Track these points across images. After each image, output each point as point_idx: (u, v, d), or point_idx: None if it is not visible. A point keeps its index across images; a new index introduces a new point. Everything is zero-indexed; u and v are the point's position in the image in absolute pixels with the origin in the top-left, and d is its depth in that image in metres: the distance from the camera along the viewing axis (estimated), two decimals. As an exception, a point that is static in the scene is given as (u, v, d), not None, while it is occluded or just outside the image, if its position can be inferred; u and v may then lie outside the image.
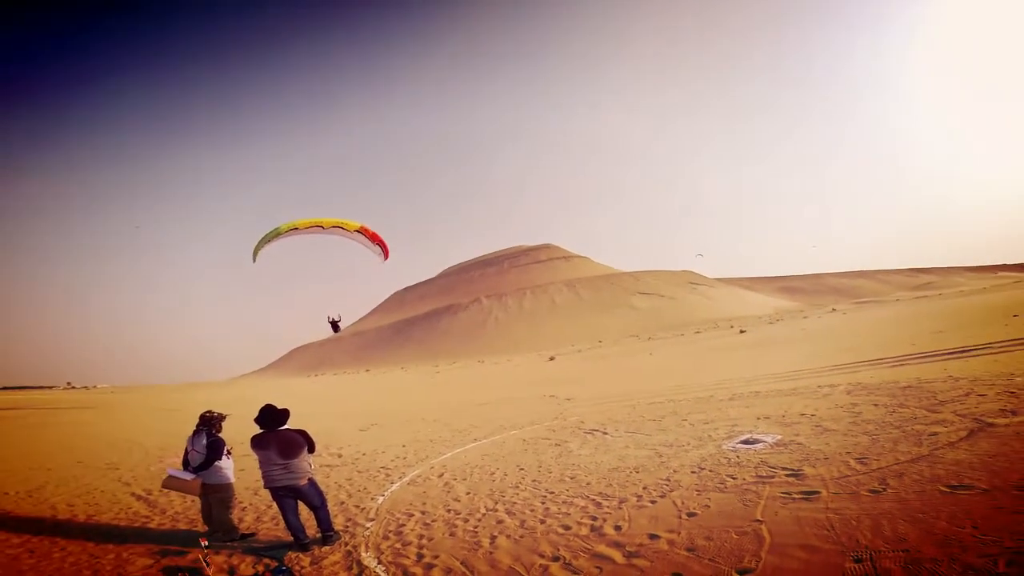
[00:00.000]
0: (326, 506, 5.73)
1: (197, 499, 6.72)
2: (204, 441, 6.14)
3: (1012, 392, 8.71)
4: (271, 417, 5.65)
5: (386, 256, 11.47)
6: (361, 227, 10.98)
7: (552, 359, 60.94)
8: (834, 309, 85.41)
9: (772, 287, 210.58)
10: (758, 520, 4.73)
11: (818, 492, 5.20)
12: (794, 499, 5.11)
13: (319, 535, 5.67)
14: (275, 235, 10.20)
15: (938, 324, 27.59)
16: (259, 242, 10.25)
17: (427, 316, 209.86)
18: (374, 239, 11.09)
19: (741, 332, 56.57)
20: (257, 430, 5.68)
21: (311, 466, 5.72)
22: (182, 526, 6.66)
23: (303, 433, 5.71)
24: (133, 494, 8.55)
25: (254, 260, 10.40)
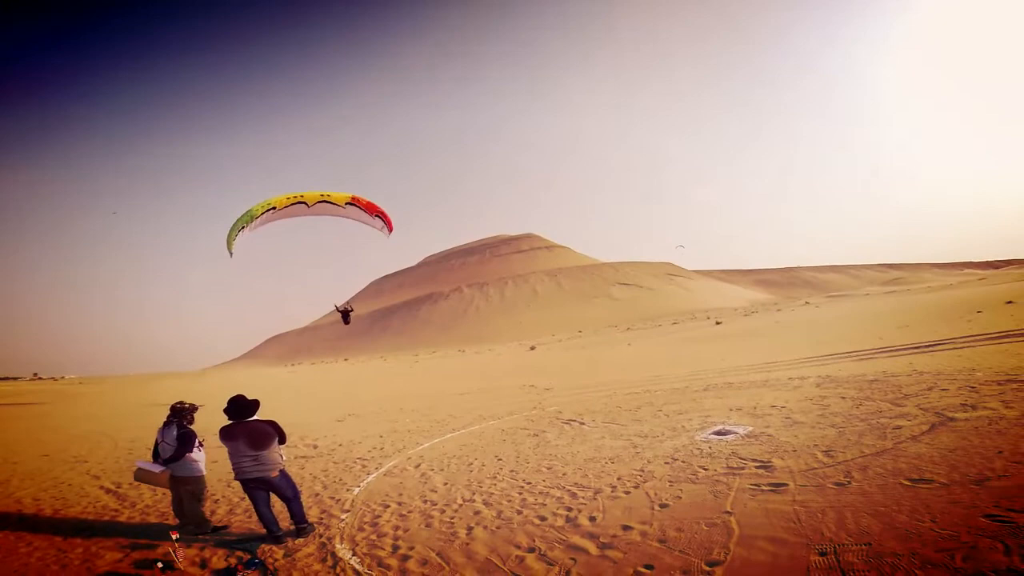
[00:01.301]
0: (299, 498, 5.68)
1: (168, 492, 6.62)
2: (175, 433, 6.04)
3: (972, 387, 9.04)
4: (239, 408, 5.56)
5: (390, 229, 9.97)
6: (352, 198, 9.42)
7: (533, 349, 61.25)
8: (807, 302, 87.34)
9: (748, 280, 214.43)
10: (728, 512, 4.85)
11: (786, 484, 5.35)
12: (763, 491, 5.25)
13: (293, 527, 5.63)
14: (249, 220, 8.91)
15: (905, 319, 28.43)
16: (231, 230, 8.99)
17: (407, 305, 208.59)
18: (371, 209, 9.58)
19: (717, 323, 57.53)
20: (226, 421, 5.60)
21: (283, 457, 5.65)
22: (153, 519, 6.56)
23: (273, 424, 5.61)
24: (102, 487, 8.37)
25: (230, 254, 9.06)
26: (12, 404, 29.50)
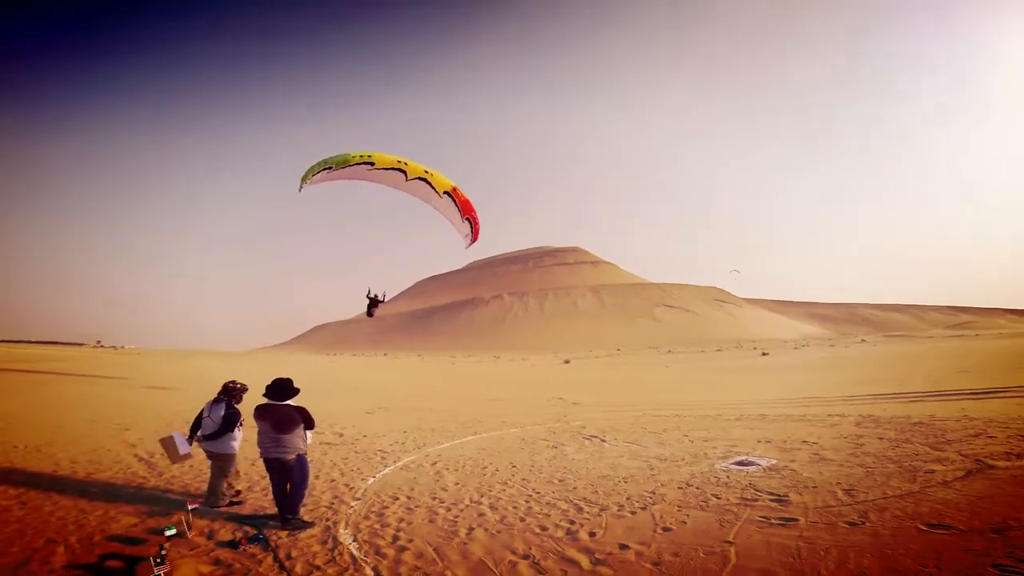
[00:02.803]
0: (302, 488, 5.70)
1: (195, 464, 7.00)
2: (222, 412, 6.28)
3: (1023, 436, 8.42)
4: (279, 390, 5.78)
5: (474, 238, 9.14)
6: (453, 189, 8.63)
7: (567, 362, 60.80)
8: (863, 340, 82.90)
9: (801, 312, 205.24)
10: (729, 542, 4.72)
11: (797, 519, 5.15)
12: (771, 524, 5.07)
13: (288, 516, 5.57)
14: (342, 163, 8.03)
15: (966, 363, 26.66)
16: (315, 165, 8.21)
17: (449, 307, 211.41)
18: (465, 210, 8.72)
19: (763, 354, 55.47)
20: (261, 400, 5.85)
21: (306, 443, 5.82)
22: (176, 489, 6.94)
23: (301, 410, 5.78)
24: (136, 455, 8.89)
25: (300, 187, 8.26)
26: (65, 373, 31.68)
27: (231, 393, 6.47)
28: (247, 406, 6.38)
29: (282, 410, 5.71)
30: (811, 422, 11.52)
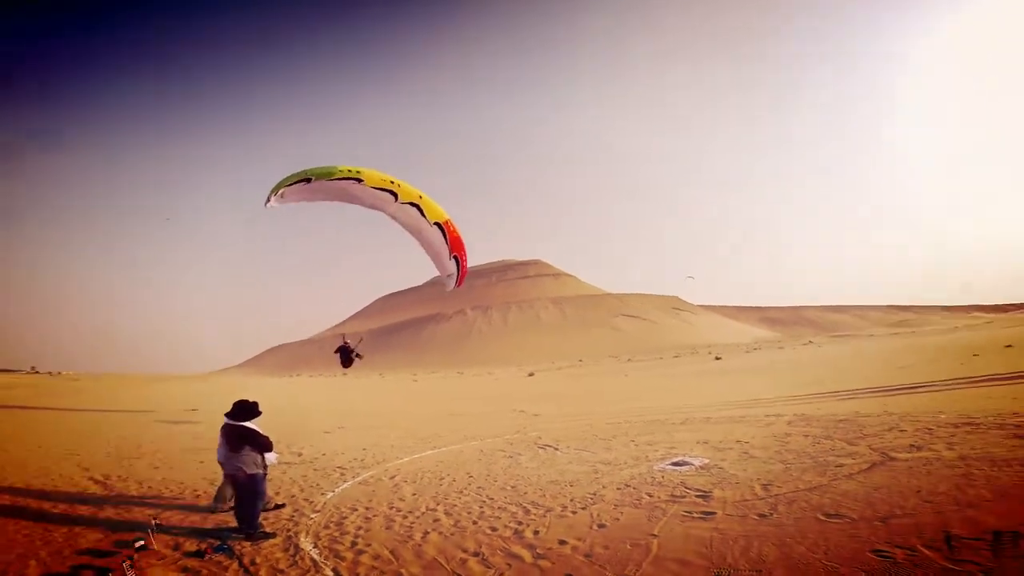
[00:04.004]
0: (256, 506, 6.03)
1: (153, 485, 7.26)
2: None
3: (930, 429, 9.27)
4: (238, 410, 6.29)
5: (459, 282, 8.50)
6: (446, 221, 7.91)
7: (531, 375, 61.37)
8: (810, 341, 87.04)
9: (754, 317, 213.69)
10: (653, 535, 5.32)
11: (715, 513, 5.81)
12: (693, 518, 5.72)
13: (260, 529, 5.93)
14: (320, 175, 6.94)
15: (903, 360, 28.59)
16: (287, 177, 7.10)
17: (410, 323, 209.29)
18: (455, 248, 8.02)
19: (717, 359, 57.56)
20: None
21: (259, 464, 6.17)
22: (136, 508, 7.12)
23: (250, 432, 6.21)
24: (91, 478, 8.94)
25: (267, 200, 7.20)
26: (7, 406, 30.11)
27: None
28: (208, 424, 6.72)
29: (236, 429, 6.17)
30: (749, 423, 12.38)
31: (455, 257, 8.08)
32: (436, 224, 7.78)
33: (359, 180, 7.16)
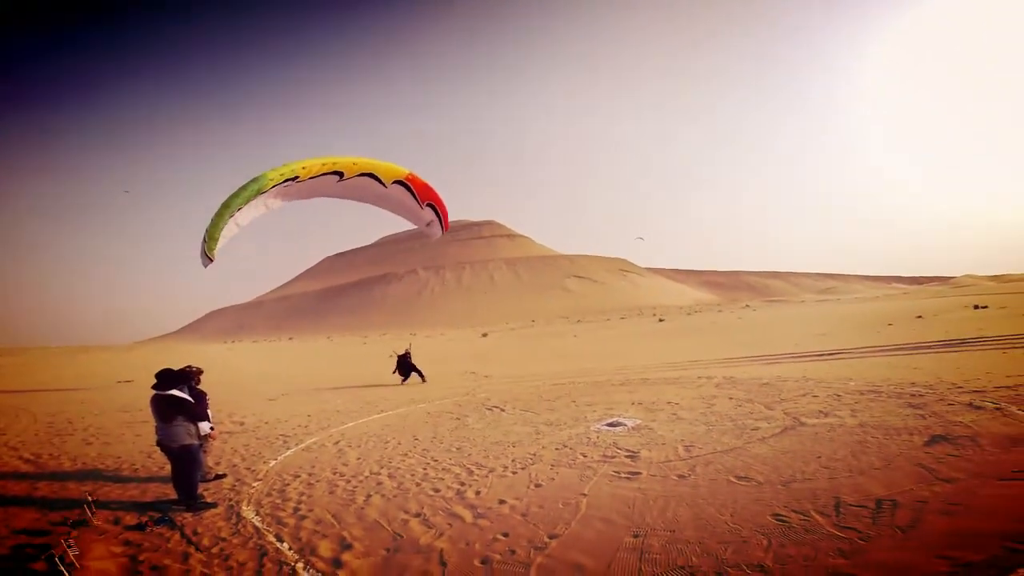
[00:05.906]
0: (193, 478, 5.94)
1: (88, 460, 7.04)
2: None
3: (838, 395, 9.98)
4: (164, 379, 6.02)
5: (445, 226, 8.42)
6: (409, 175, 7.59)
7: (485, 336, 62.08)
8: (747, 305, 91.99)
9: (696, 280, 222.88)
10: (583, 494, 5.70)
11: (640, 473, 6.26)
12: (620, 477, 6.15)
13: (200, 500, 5.91)
14: (248, 198, 6.41)
15: (825, 327, 30.75)
16: (218, 220, 6.46)
17: (359, 284, 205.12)
18: (424, 194, 7.69)
19: (660, 320, 60.02)
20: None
21: (192, 435, 5.99)
22: (71, 486, 6.92)
23: (181, 399, 5.98)
24: (20, 458, 8.59)
25: (208, 259, 6.76)
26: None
27: (187, 378, 6.56)
28: (132, 397, 6.53)
29: (164, 398, 5.92)
30: (682, 384, 13.13)
31: (429, 204, 7.92)
32: (397, 182, 7.54)
33: (295, 179, 6.77)
